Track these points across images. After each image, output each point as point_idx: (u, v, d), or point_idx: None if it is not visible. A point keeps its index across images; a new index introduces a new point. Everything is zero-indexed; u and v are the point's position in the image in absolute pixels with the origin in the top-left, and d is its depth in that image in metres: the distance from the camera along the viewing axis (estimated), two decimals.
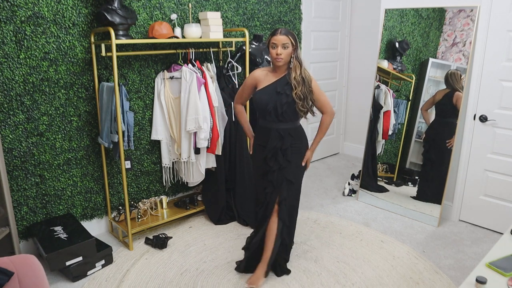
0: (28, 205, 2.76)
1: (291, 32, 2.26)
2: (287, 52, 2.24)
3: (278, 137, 2.36)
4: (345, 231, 3.18)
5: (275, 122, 2.35)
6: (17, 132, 2.62)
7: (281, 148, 2.36)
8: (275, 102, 2.30)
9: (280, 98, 2.29)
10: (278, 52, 2.22)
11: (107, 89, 2.74)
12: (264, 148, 2.41)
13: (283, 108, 2.29)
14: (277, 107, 2.29)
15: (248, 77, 2.46)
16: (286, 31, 2.25)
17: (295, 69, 2.28)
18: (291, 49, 2.25)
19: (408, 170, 3.58)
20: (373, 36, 4.39)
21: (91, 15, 2.76)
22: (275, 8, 3.92)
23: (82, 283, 2.53)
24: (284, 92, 2.29)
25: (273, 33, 2.26)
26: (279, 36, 2.22)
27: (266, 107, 2.32)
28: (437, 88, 3.32)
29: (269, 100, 2.31)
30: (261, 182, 2.47)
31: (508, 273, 1.56)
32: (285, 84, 2.31)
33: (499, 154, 3.06)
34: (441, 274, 2.60)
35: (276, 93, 2.30)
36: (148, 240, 2.98)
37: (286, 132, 2.36)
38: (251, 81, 2.41)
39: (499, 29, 2.91)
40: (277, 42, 2.23)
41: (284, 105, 2.29)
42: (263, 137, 2.43)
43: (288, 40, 2.22)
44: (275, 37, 2.23)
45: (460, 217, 3.37)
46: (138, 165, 3.24)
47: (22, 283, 1.62)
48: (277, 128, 2.35)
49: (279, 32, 2.24)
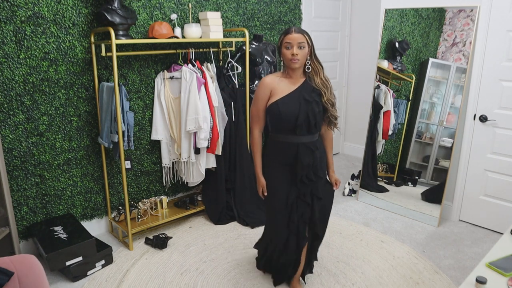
0: (28, 205, 2.76)
1: (305, 31, 2.02)
2: (303, 52, 1.97)
3: (309, 151, 2.06)
4: (345, 231, 3.18)
5: (304, 136, 2.05)
6: (17, 132, 2.62)
7: (313, 164, 2.08)
8: (306, 112, 1.99)
9: (311, 107, 2.00)
10: (294, 52, 1.95)
11: (107, 89, 2.74)
12: (289, 168, 2.09)
13: (316, 119, 2.02)
14: (310, 117, 2.00)
15: (258, 88, 2.09)
16: (301, 29, 1.99)
17: (317, 72, 2.05)
18: (307, 49, 1.99)
19: (408, 170, 3.58)
20: (373, 36, 4.39)
21: (91, 15, 2.76)
22: (275, 8, 3.92)
23: (82, 283, 2.53)
24: (314, 99, 2.02)
25: (286, 31, 1.98)
26: (294, 35, 1.95)
27: (295, 119, 2.00)
28: (437, 88, 3.33)
29: (299, 111, 1.99)
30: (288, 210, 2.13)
31: (508, 273, 1.56)
32: (311, 90, 2.04)
33: (499, 154, 3.06)
34: (441, 274, 2.60)
35: (305, 102, 2.00)
36: (148, 240, 2.98)
37: (315, 145, 2.09)
38: (264, 91, 2.06)
39: (499, 29, 2.91)
40: (292, 41, 1.95)
41: (317, 115, 2.01)
42: (286, 155, 2.08)
43: (304, 39, 1.96)
44: (290, 35, 1.95)
45: (460, 217, 3.37)
46: (138, 165, 3.24)
47: (22, 283, 1.62)
48: (305, 142, 2.06)
49: (293, 30, 1.97)
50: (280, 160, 2.11)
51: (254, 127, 2.16)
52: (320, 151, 2.13)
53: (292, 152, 2.07)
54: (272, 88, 2.05)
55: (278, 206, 2.15)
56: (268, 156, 2.17)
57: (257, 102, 2.09)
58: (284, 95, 2.02)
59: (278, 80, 2.06)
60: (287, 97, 2.02)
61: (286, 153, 2.08)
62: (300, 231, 2.17)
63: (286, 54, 1.98)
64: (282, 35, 2.00)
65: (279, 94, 2.03)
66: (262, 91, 2.06)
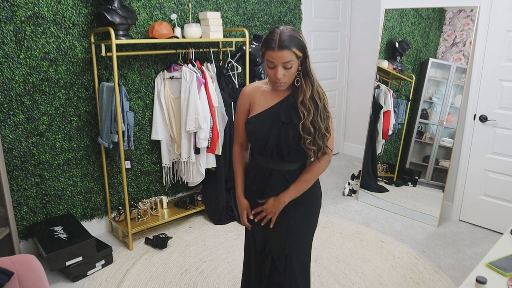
0: (28, 205, 2.76)
1: (294, 40, 1.46)
2: (290, 72, 1.51)
3: (282, 181, 1.65)
4: (345, 231, 3.18)
5: (277, 162, 1.64)
6: (17, 132, 2.62)
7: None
8: (278, 136, 1.57)
9: (285, 130, 1.56)
10: (278, 75, 1.49)
11: (107, 89, 2.74)
12: (259, 195, 1.69)
13: (290, 146, 1.58)
14: (282, 144, 1.58)
15: (239, 99, 1.71)
16: (289, 40, 1.45)
17: (303, 90, 1.55)
18: (296, 66, 1.50)
19: (408, 170, 3.58)
20: (373, 36, 4.39)
21: (91, 15, 2.76)
22: (275, 8, 3.92)
23: (82, 283, 2.53)
24: (291, 121, 1.57)
25: (267, 43, 1.47)
26: (277, 53, 1.45)
27: (265, 143, 1.60)
28: (437, 88, 3.33)
29: (269, 133, 1.58)
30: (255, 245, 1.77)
31: (508, 273, 1.56)
32: (292, 108, 1.58)
33: (499, 154, 3.06)
34: (441, 274, 2.60)
35: (279, 124, 1.58)
36: (148, 240, 2.98)
37: (293, 175, 1.65)
38: (243, 103, 1.68)
39: (499, 29, 2.91)
40: (274, 61, 1.47)
41: (291, 141, 1.56)
42: (258, 180, 1.70)
43: (291, 56, 1.46)
44: (272, 53, 1.46)
45: (460, 217, 3.37)
46: (138, 165, 3.24)
47: (22, 283, 1.62)
48: (280, 169, 1.64)
49: (277, 43, 1.44)
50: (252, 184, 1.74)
51: (235, 141, 1.79)
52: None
53: (264, 178, 1.68)
54: (252, 100, 1.66)
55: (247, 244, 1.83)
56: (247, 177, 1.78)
57: (237, 115, 1.73)
58: (260, 111, 1.62)
59: (261, 91, 1.65)
60: (261, 114, 1.62)
61: (258, 177, 1.70)
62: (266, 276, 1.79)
63: (269, 74, 1.53)
64: (263, 47, 1.50)
65: (257, 108, 1.64)
66: (241, 102, 1.69)
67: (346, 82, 5.10)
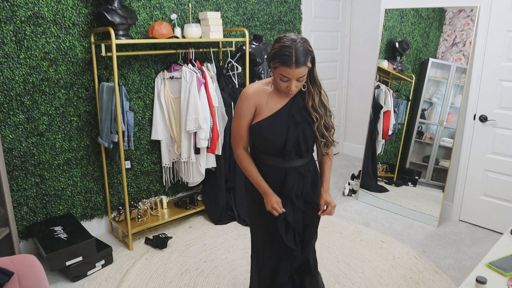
0: (28, 205, 2.76)
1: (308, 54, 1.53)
2: (301, 83, 1.60)
3: (299, 176, 1.73)
4: (345, 231, 3.18)
5: (293, 160, 1.70)
6: (17, 132, 2.62)
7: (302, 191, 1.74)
8: (297, 136, 1.64)
9: (303, 130, 1.64)
10: (292, 88, 1.56)
11: (107, 89, 2.74)
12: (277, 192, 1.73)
13: (309, 143, 1.67)
14: (300, 143, 1.65)
15: (241, 102, 1.67)
16: (305, 55, 1.51)
17: (311, 95, 1.65)
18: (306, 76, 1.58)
19: (408, 170, 3.58)
20: (373, 36, 4.38)
21: (91, 15, 2.76)
22: (275, 8, 3.92)
23: (82, 283, 2.53)
24: (305, 120, 1.65)
25: (284, 60, 1.50)
26: (294, 70, 1.51)
27: (283, 144, 1.65)
28: (437, 88, 3.33)
29: (286, 135, 1.64)
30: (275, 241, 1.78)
31: (508, 273, 1.56)
32: (303, 109, 1.67)
33: (499, 154, 3.06)
34: (441, 274, 2.60)
35: (295, 124, 1.64)
36: (148, 240, 2.98)
37: (306, 168, 1.75)
38: (248, 106, 1.66)
39: (499, 29, 2.91)
40: (291, 76, 1.53)
41: (309, 138, 1.66)
42: (272, 180, 1.73)
43: (305, 70, 1.54)
44: (289, 70, 1.51)
45: (460, 217, 3.37)
46: (138, 165, 3.24)
47: (22, 283, 1.62)
48: (295, 166, 1.71)
49: (294, 62, 1.49)
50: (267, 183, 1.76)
51: (237, 146, 1.77)
52: (313, 174, 1.80)
53: (279, 177, 1.72)
54: (257, 103, 1.65)
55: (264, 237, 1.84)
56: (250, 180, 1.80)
57: (239, 119, 1.70)
58: (270, 114, 1.64)
59: (264, 92, 1.66)
60: (273, 117, 1.64)
61: (273, 178, 1.73)
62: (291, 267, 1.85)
63: (280, 85, 1.59)
64: (278, 60, 1.52)
65: (264, 111, 1.65)
66: (246, 105, 1.66)
67: (346, 82, 5.10)
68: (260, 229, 1.86)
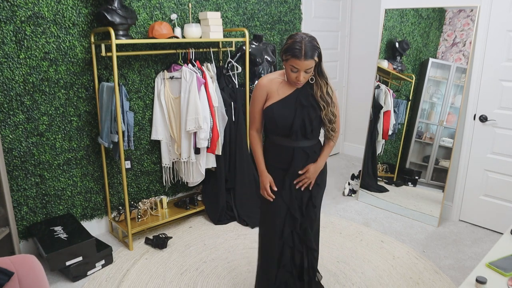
0: (28, 205, 2.76)
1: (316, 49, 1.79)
2: (309, 74, 1.85)
3: (305, 156, 1.97)
4: (345, 231, 3.18)
5: (300, 140, 1.95)
6: (17, 132, 2.62)
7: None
8: (303, 118, 1.89)
9: (308, 112, 1.90)
10: (300, 79, 1.81)
11: (107, 89, 2.74)
12: (284, 171, 1.98)
13: (313, 125, 1.91)
14: (306, 123, 1.90)
15: (255, 90, 1.98)
16: (312, 51, 1.76)
17: (319, 86, 1.91)
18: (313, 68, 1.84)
19: (408, 170, 3.58)
20: (373, 36, 4.38)
21: (91, 15, 2.76)
22: (275, 8, 3.92)
23: (82, 283, 2.53)
24: (311, 104, 1.90)
25: (295, 53, 1.75)
26: (303, 62, 1.75)
27: (291, 124, 1.89)
28: (437, 88, 3.33)
29: (294, 116, 1.89)
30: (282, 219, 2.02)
31: (508, 273, 1.56)
32: (309, 95, 1.92)
33: (499, 154, 3.06)
34: (441, 274, 2.60)
35: (301, 107, 1.90)
36: (148, 240, 2.98)
37: (312, 149, 1.98)
38: (261, 93, 1.95)
39: (499, 29, 2.91)
40: (299, 68, 1.78)
41: (314, 120, 1.90)
42: (281, 159, 1.98)
43: (313, 63, 1.79)
44: (298, 62, 1.76)
45: (460, 217, 3.37)
46: (138, 165, 3.24)
47: (22, 283, 1.62)
48: (302, 146, 1.95)
49: (303, 54, 1.74)
50: (275, 163, 2.01)
51: (251, 127, 2.07)
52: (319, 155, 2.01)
53: (287, 156, 1.97)
54: (269, 90, 1.93)
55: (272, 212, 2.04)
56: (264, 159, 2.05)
57: (254, 104, 2.00)
58: (280, 98, 1.91)
59: (276, 81, 1.94)
60: (283, 101, 1.91)
61: (282, 156, 1.99)
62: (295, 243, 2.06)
63: (290, 75, 1.85)
64: (289, 53, 1.77)
65: (275, 97, 1.92)
66: (259, 93, 1.95)
67: (346, 82, 5.10)
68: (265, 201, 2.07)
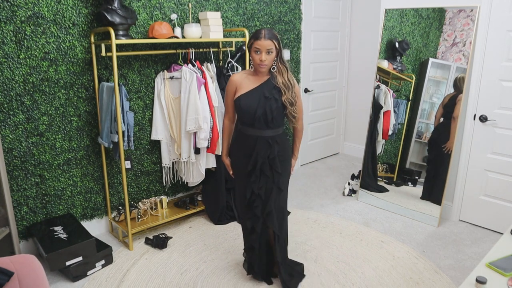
0: (28, 205, 2.76)
1: (275, 35, 2.11)
2: (271, 57, 2.10)
3: (266, 145, 2.21)
4: (345, 231, 3.18)
5: (263, 129, 2.19)
6: (17, 132, 2.62)
7: (268, 157, 2.21)
8: (264, 107, 2.14)
9: (269, 103, 2.14)
10: (263, 58, 2.07)
11: (107, 89, 2.74)
12: (249, 157, 2.24)
13: (273, 114, 2.15)
14: (267, 113, 2.14)
15: (228, 84, 2.27)
16: (270, 34, 2.07)
17: (281, 73, 2.16)
18: (274, 54, 2.11)
19: (408, 170, 3.58)
20: (373, 36, 4.39)
21: (91, 15, 2.76)
22: (275, 8, 3.92)
23: (82, 283, 2.53)
24: (273, 96, 2.15)
25: (256, 36, 2.07)
26: (263, 41, 2.04)
27: (254, 113, 2.15)
28: (437, 88, 3.33)
29: (257, 106, 2.15)
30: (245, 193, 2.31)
31: (508, 273, 1.56)
32: (272, 87, 2.16)
33: (499, 154, 3.06)
34: (441, 274, 2.60)
35: (264, 98, 2.15)
36: (148, 240, 2.98)
37: (274, 140, 2.22)
38: (231, 88, 2.25)
39: (499, 29, 2.91)
40: (261, 47, 2.06)
41: (274, 110, 2.15)
42: (247, 146, 2.24)
43: (272, 44, 2.06)
44: (259, 42, 2.05)
45: (460, 217, 3.37)
46: (138, 165, 3.24)
47: (22, 283, 1.62)
48: (264, 135, 2.20)
49: (263, 35, 2.06)
50: (242, 151, 2.28)
51: (225, 116, 2.39)
52: (282, 146, 2.24)
53: (251, 144, 2.22)
54: (238, 84, 2.21)
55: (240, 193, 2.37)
56: (233, 146, 2.37)
57: (226, 96, 2.31)
58: (247, 91, 2.19)
59: (245, 77, 2.22)
60: (249, 93, 2.18)
61: (247, 145, 2.24)
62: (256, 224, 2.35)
63: (254, 58, 2.11)
64: (252, 38, 2.09)
65: (243, 89, 2.20)
66: (230, 86, 2.25)
67: (346, 82, 5.10)
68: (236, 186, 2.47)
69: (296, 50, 4.29)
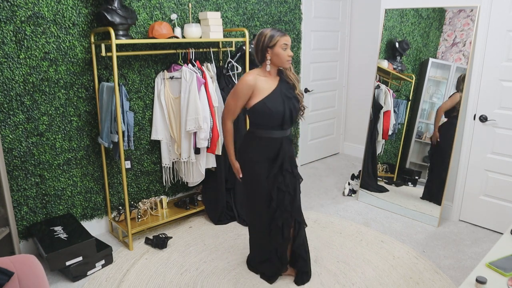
0: (28, 205, 2.76)
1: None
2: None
3: (289, 144, 2.25)
4: (345, 231, 3.18)
5: (287, 129, 2.23)
6: (17, 132, 2.62)
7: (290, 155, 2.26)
8: (290, 107, 2.15)
9: (292, 102, 2.17)
10: (290, 54, 2.11)
11: (107, 89, 2.74)
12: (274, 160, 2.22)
13: (298, 113, 2.20)
14: (293, 112, 2.17)
15: (240, 85, 2.15)
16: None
17: (290, 68, 2.20)
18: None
19: (408, 170, 3.58)
20: (373, 36, 4.38)
21: (91, 15, 2.76)
22: (275, 8, 3.92)
23: (82, 283, 2.53)
24: (293, 95, 2.18)
25: (280, 33, 2.10)
26: (288, 37, 2.11)
27: (282, 115, 2.13)
28: (437, 88, 3.33)
29: (284, 108, 2.13)
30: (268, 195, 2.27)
31: (508, 273, 1.56)
32: (288, 86, 2.20)
33: (499, 154, 3.06)
34: (441, 274, 2.60)
35: (287, 98, 2.16)
36: (148, 240, 2.98)
37: (291, 136, 2.29)
38: (246, 91, 2.13)
39: (499, 29, 2.91)
40: (288, 43, 2.10)
41: (298, 109, 2.19)
42: (272, 149, 2.22)
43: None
44: (286, 37, 2.09)
45: (460, 217, 3.37)
46: (138, 165, 3.24)
47: (22, 283, 1.62)
48: (287, 135, 2.24)
49: (284, 32, 2.14)
50: (265, 155, 2.22)
51: (227, 118, 2.25)
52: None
53: (276, 146, 2.20)
54: (255, 87, 2.12)
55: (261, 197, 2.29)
56: (252, 152, 2.26)
57: (237, 98, 2.16)
58: (268, 93, 2.13)
59: (258, 78, 2.14)
60: (273, 95, 2.13)
61: (271, 148, 2.20)
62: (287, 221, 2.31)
63: (282, 55, 2.10)
64: (278, 36, 2.08)
65: (262, 92, 2.12)
66: (245, 89, 2.12)
67: (346, 82, 5.10)
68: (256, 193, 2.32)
69: (296, 50, 4.29)
